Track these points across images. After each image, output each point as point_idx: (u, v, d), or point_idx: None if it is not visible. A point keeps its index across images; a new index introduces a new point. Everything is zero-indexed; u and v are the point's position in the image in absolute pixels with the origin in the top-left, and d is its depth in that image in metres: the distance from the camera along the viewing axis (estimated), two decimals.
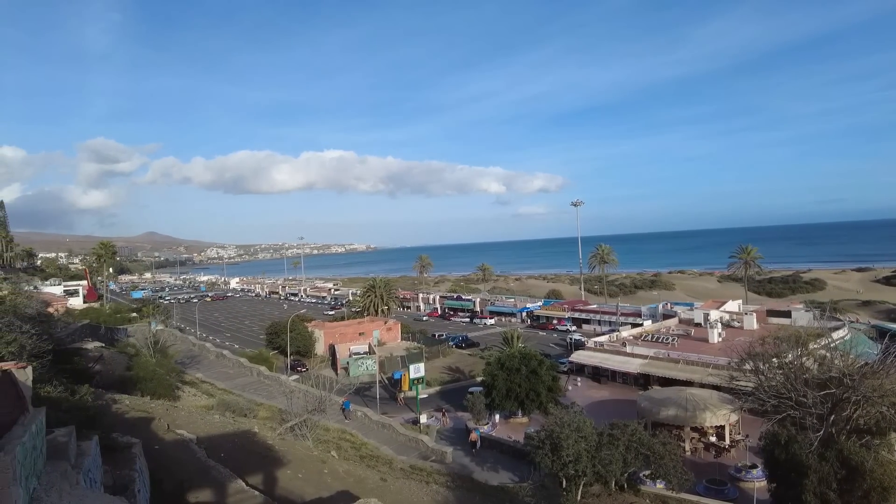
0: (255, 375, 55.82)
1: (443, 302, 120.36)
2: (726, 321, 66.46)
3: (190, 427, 23.64)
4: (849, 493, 22.30)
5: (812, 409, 25.50)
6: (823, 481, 22.57)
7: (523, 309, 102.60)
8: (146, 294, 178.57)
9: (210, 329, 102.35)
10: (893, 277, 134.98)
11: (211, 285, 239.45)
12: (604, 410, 43.85)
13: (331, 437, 33.50)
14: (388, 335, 78.30)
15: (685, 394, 39.08)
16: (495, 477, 33.52)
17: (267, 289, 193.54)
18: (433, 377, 59.17)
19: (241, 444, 23.86)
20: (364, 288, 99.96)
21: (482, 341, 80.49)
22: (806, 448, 23.68)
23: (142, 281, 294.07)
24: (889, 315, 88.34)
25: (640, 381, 52.76)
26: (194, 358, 61.86)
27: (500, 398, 43.19)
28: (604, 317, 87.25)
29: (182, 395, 39.74)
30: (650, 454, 26.61)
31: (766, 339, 34.36)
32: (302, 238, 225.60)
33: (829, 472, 22.61)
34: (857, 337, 52.47)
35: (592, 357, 58.12)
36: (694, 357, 50.91)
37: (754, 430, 33.19)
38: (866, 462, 22.35)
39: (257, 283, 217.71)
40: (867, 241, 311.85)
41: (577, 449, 25.60)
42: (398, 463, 31.28)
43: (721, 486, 30.49)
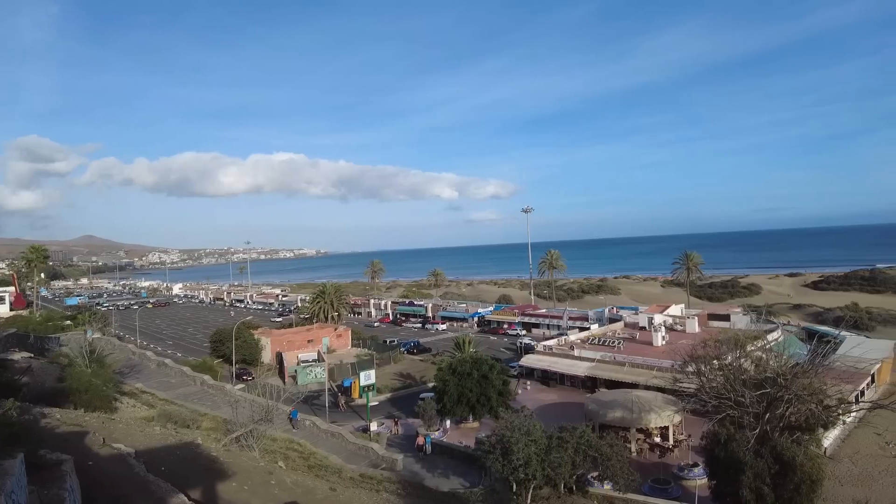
0: (199, 385, 54.00)
1: (395, 307, 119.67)
2: (669, 325, 68.70)
3: (128, 440, 22.54)
4: (781, 486, 23.39)
5: (749, 408, 26.63)
6: (759, 477, 23.59)
7: (475, 314, 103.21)
8: (82, 301, 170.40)
9: (151, 337, 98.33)
10: (821, 282, 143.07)
11: (153, 291, 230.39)
12: (553, 413, 44.53)
13: (278, 447, 32.65)
14: (338, 342, 77.19)
15: (631, 396, 40.10)
16: (446, 483, 33.45)
17: (212, 295, 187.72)
18: (384, 384, 58.64)
19: (183, 456, 22.91)
20: (313, 294, 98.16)
21: (434, 347, 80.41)
22: (743, 446, 24.70)
23: (77, 287, 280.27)
24: (817, 318, 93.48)
25: (588, 384, 53.82)
26: (134, 367, 59.37)
27: (452, 403, 43.18)
28: (552, 321, 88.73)
29: (120, 406, 37.96)
30: (598, 456, 27.14)
31: (707, 341, 35.63)
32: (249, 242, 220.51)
33: (763, 468, 23.65)
34: (789, 339, 55.21)
35: (541, 361, 58.94)
36: (639, 360, 52.34)
37: (696, 430, 34.39)
38: (797, 457, 23.53)
39: (201, 288, 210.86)
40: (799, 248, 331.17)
41: (527, 452, 25.83)
42: (348, 472, 30.77)
43: (665, 486, 31.38)
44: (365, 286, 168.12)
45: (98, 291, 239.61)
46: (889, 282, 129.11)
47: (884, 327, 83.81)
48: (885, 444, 36.95)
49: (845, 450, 36.56)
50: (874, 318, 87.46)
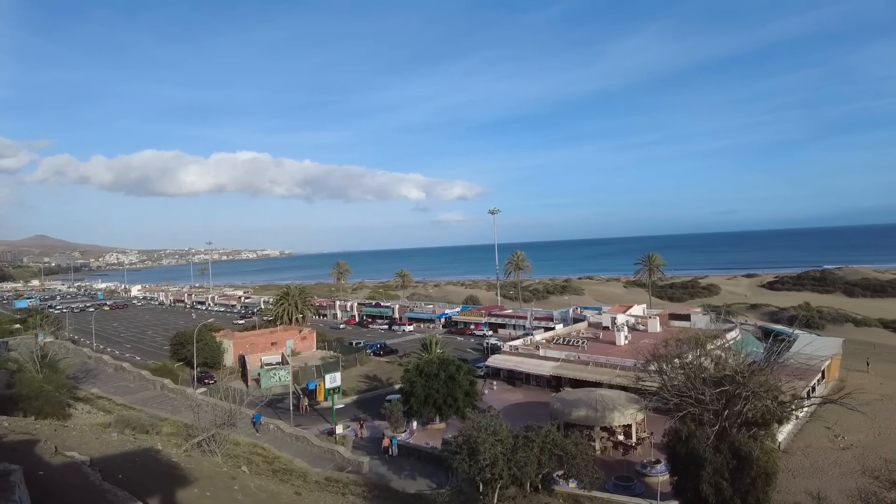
0: (159, 389, 52.56)
1: (361, 309, 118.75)
2: (632, 324, 70.05)
3: (83, 448, 21.75)
4: (739, 480, 24.11)
5: (709, 405, 27.33)
6: (718, 471, 24.26)
7: (442, 315, 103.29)
8: (33, 303, 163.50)
9: (108, 340, 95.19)
10: (776, 282, 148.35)
11: (110, 293, 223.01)
12: (519, 413, 44.88)
13: (241, 451, 32.02)
14: (303, 344, 76.21)
15: (595, 395, 40.73)
16: (413, 485, 33.35)
17: (172, 297, 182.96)
18: (350, 386, 58.12)
19: (142, 463, 22.23)
20: (277, 295, 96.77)
21: (401, 348, 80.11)
22: (703, 442, 25.35)
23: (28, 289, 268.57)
24: (772, 317, 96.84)
25: (553, 384, 54.46)
26: (90, 372, 57.36)
27: (419, 405, 43.09)
28: (518, 321, 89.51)
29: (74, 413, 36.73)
30: (563, 455, 27.49)
31: (668, 341, 36.44)
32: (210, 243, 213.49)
33: (722, 463, 24.34)
34: (746, 338, 57.06)
35: (508, 361, 59.36)
36: (603, 359, 53.20)
37: (658, 428, 35.16)
38: (753, 452, 24.29)
39: (161, 290, 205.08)
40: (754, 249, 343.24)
41: (493, 452, 25.98)
42: (313, 475, 30.39)
43: (629, 483, 31.99)
44: (330, 287, 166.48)
45: (50, 293, 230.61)
46: (838, 282, 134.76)
47: (833, 325, 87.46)
48: (834, 437, 38.50)
49: (798, 443, 37.99)
50: (824, 317, 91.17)
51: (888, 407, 43.91)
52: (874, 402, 41.65)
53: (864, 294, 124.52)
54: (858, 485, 24.08)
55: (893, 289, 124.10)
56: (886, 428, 40.10)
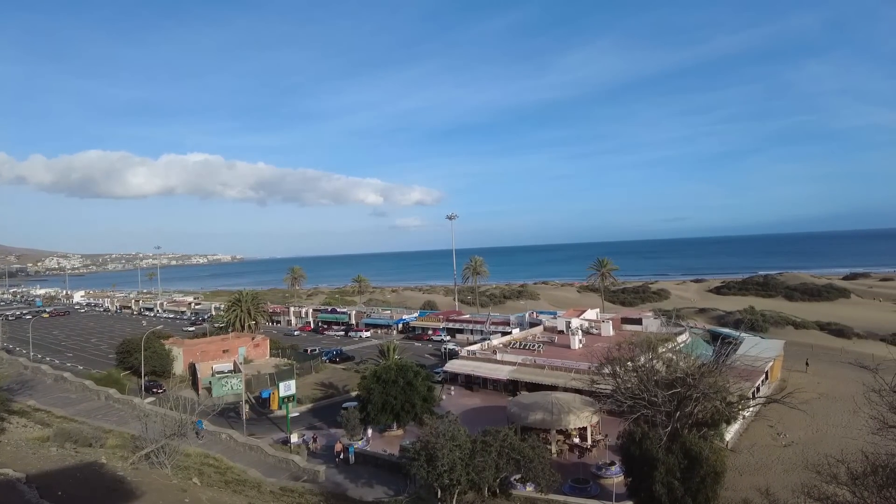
0: (104, 399, 50.29)
1: (316, 315, 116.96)
2: (586, 328, 71.33)
3: (18, 464, 20.60)
4: (689, 479, 24.83)
5: (661, 407, 28.10)
6: (670, 472, 24.92)
7: (399, 321, 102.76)
8: None
9: (48, 349, 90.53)
10: (722, 287, 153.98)
11: (49, 299, 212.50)
12: (477, 418, 44.99)
13: (192, 462, 30.95)
14: (256, 352, 74.46)
15: (551, 398, 41.24)
16: (370, 492, 32.97)
17: (118, 303, 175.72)
18: (305, 394, 57.05)
19: (84, 478, 21.21)
20: (229, 302, 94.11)
21: (358, 354, 79.22)
22: (656, 443, 26.02)
23: None
24: (720, 320, 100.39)
25: (510, 388, 54.90)
26: (26, 383, 54.34)
27: (376, 412, 42.67)
28: (476, 326, 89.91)
29: (8, 427, 34.57)
30: (520, 458, 27.71)
31: (621, 344, 37.29)
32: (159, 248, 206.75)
33: (674, 463, 25.02)
34: (695, 341, 58.95)
35: (465, 366, 59.50)
36: (558, 363, 53.97)
37: (613, 430, 35.89)
38: (703, 451, 25.08)
39: (106, 296, 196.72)
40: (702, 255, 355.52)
41: (451, 458, 25.96)
42: (267, 486, 29.64)
43: (584, 485, 32.48)
44: (284, 293, 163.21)
45: None
46: (779, 287, 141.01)
47: (775, 328, 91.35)
48: (777, 435, 40.20)
49: (744, 442, 39.49)
50: (767, 320, 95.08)
51: (826, 405, 46.19)
52: (813, 400, 43.73)
53: (802, 298, 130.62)
54: (801, 479, 25.19)
55: (829, 293, 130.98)
56: (824, 424, 42.18)
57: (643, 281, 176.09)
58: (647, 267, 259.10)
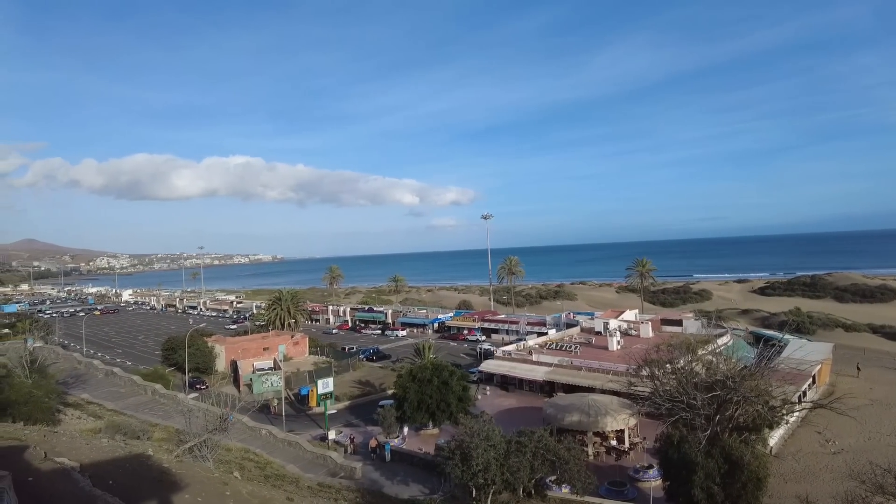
0: (150, 394, 52.20)
1: (353, 314, 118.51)
2: (624, 330, 70.29)
3: (72, 454, 21.56)
4: (730, 485, 24.27)
5: (701, 410, 27.51)
6: (709, 476, 24.41)
7: (435, 320, 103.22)
8: (22, 308, 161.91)
9: (99, 345, 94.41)
10: (767, 288, 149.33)
11: (100, 298, 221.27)
12: (512, 418, 44.88)
13: (233, 457, 31.86)
14: (295, 350, 75.93)
15: (587, 400, 40.83)
16: (406, 490, 33.29)
17: (163, 301, 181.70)
18: (342, 392, 57.94)
19: (132, 469, 22.06)
20: (269, 300, 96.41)
21: (394, 353, 79.98)
22: (695, 447, 25.51)
23: (17, 293, 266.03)
24: (763, 322, 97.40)
25: (546, 389, 54.55)
26: (80, 377, 56.93)
27: (412, 410, 43.01)
28: (511, 326, 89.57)
29: (64, 418, 36.41)
30: (556, 460, 27.52)
31: (660, 346, 36.76)
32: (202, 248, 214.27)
33: (713, 468, 24.49)
34: (737, 343, 57.42)
35: (501, 366, 59.39)
36: (595, 364, 53.33)
37: (651, 433, 35.25)
38: (744, 456, 24.47)
39: (152, 295, 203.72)
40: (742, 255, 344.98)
41: (486, 458, 25.99)
42: (305, 481, 30.28)
43: (621, 488, 32.06)
44: (323, 293, 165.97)
45: (40, 298, 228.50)
46: (828, 288, 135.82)
47: (824, 331, 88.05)
48: (825, 441, 38.78)
49: (789, 448, 38.22)
50: (815, 322, 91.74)
51: (878, 411, 44.29)
52: (864, 406, 42.06)
53: (854, 299, 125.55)
54: (847, 489, 24.28)
55: (882, 294, 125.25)
56: (876, 432, 40.43)
57: (684, 281, 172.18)
58: (685, 267, 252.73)
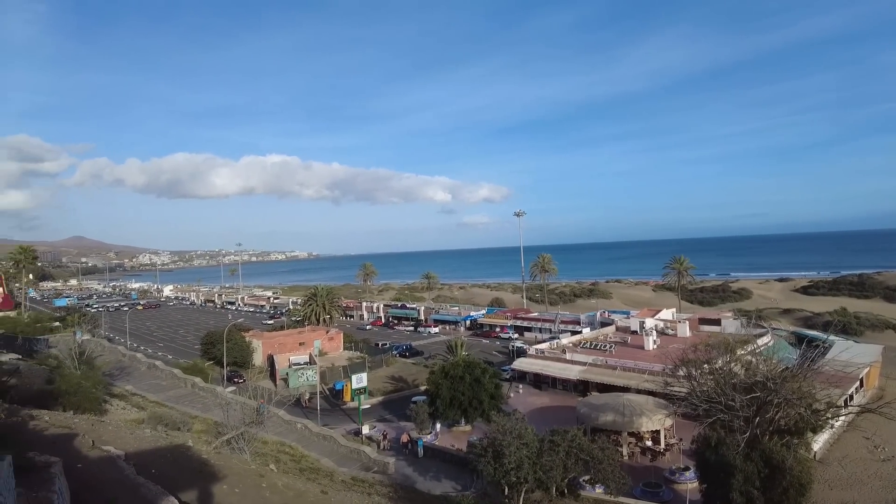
0: (190, 387, 53.63)
1: (387, 311, 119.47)
2: (661, 329, 68.99)
3: (118, 443, 22.37)
4: (771, 490, 23.56)
5: (739, 412, 26.80)
6: (748, 480, 23.75)
7: (467, 317, 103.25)
8: (71, 302, 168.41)
9: (141, 339, 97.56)
10: (810, 287, 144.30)
11: (143, 293, 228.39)
12: (545, 417, 44.57)
13: (269, 449, 32.51)
14: (330, 345, 76.94)
15: (622, 399, 40.24)
16: (438, 486, 33.42)
17: (202, 297, 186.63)
18: (376, 387, 58.51)
19: (173, 459, 22.75)
20: (305, 296, 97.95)
21: (426, 350, 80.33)
22: (733, 449, 24.86)
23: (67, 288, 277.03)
24: (806, 322, 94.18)
25: (580, 388, 53.98)
26: (124, 369, 58.87)
27: (444, 407, 43.14)
28: (544, 325, 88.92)
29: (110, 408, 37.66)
30: (589, 459, 27.21)
31: (697, 346, 35.89)
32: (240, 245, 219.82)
33: (753, 472, 23.81)
34: (778, 343, 55.67)
35: (534, 364, 59.03)
36: (630, 364, 52.52)
37: (687, 434, 34.56)
38: (786, 460, 23.71)
39: (192, 290, 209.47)
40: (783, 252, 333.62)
41: (518, 456, 25.88)
42: (339, 475, 30.68)
43: (657, 489, 31.51)
44: (357, 289, 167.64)
45: (88, 293, 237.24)
46: (877, 287, 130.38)
47: (872, 332, 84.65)
48: (874, 447, 37.26)
49: (834, 453, 36.86)
50: (863, 323, 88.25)
51: None
52: None
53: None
54: None
55: None
56: None
57: (723, 280, 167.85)
58: (723, 265, 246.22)
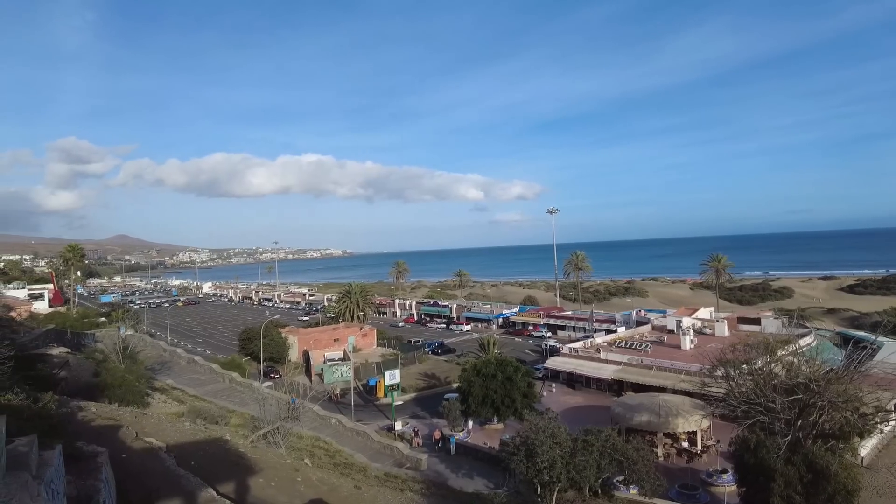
0: (228, 382, 54.93)
1: (419, 308, 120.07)
2: (698, 328, 67.58)
3: (159, 435, 23.10)
4: (814, 496, 22.79)
5: (780, 414, 26.03)
6: (789, 484, 23.04)
7: (499, 315, 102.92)
8: (116, 298, 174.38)
9: (181, 334, 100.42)
10: (857, 286, 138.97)
11: (183, 290, 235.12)
12: (578, 416, 44.12)
13: (304, 444, 33.08)
14: (364, 341, 77.77)
15: (658, 400, 39.55)
16: (470, 483, 33.45)
17: (240, 294, 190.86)
18: (409, 384, 58.89)
19: (212, 452, 23.37)
20: (339, 294, 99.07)
21: (458, 347, 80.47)
22: (774, 453, 24.15)
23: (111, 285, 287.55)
24: (853, 322, 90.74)
25: (614, 388, 53.28)
26: (165, 364, 60.67)
27: (476, 404, 43.13)
28: (578, 323, 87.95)
29: (152, 402, 38.89)
30: (624, 460, 26.85)
31: (736, 346, 35.02)
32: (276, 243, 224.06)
33: (794, 476, 23.09)
34: (822, 344, 53.80)
35: (567, 363, 58.51)
36: (667, 363, 51.59)
37: (725, 436, 33.73)
38: (831, 466, 22.89)
39: (230, 287, 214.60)
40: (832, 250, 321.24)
41: (551, 455, 25.69)
42: (372, 470, 31.01)
43: (693, 491, 30.88)
44: (390, 286, 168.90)
45: (131, 289, 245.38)
46: None
47: None
48: None
49: (883, 460, 35.45)
50: None
51: None
52: None
53: None
54: None
55: None
56: None
57: (763, 278, 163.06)
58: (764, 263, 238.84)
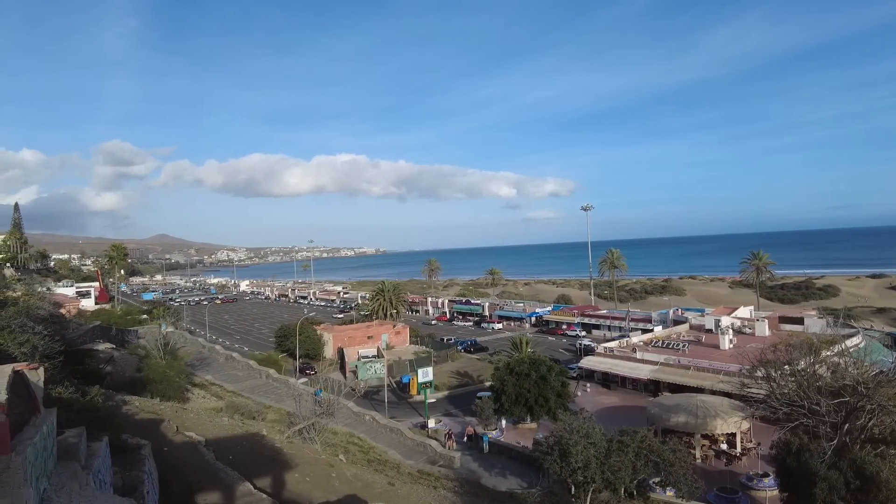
0: (264, 378, 55.97)
1: (451, 306, 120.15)
2: (738, 328, 65.88)
3: (199, 429, 23.74)
4: (864, 502, 21.97)
5: (825, 417, 25.13)
6: (834, 490, 22.24)
7: (532, 314, 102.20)
8: (157, 296, 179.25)
9: (220, 331, 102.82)
10: None
11: (221, 288, 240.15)
12: (613, 417, 43.55)
13: (339, 440, 33.51)
14: (397, 339, 78.29)
15: (696, 400, 38.71)
16: (503, 482, 33.38)
17: (277, 291, 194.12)
18: (441, 381, 59.04)
19: (249, 446, 23.90)
20: (373, 291, 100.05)
21: (491, 346, 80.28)
22: (818, 457, 23.35)
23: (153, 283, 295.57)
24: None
25: (650, 388, 52.40)
26: (204, 360, 62.13)
27: (510, 403, 42.99)
28: (614, 322, 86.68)
29: (191, 397, 39.93)
30: (660, 461, 26.40)
31: (777, 346, 33.88)
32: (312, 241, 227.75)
33: (839, 481, 22.27)
34: (871, 345, 51.68)
35: (602, 363, 57.77)
36: (705, 364, 50.45)
37: (766, 438, 32.79)
38: (882, 472, 21.99)
39: (267, 285, 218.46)
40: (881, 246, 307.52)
41: (585, 455, 25.45)
42: (406, 467, 31.22)
43: (732, 495, 30.14)
44: (422, 284, 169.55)
45: (171, 287, 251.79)
46: None
47: None
48: None
49: None
50: None
51: None
52: None
53: None
54: None
55: None
56: None
57: (806, 276, 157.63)
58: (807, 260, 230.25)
